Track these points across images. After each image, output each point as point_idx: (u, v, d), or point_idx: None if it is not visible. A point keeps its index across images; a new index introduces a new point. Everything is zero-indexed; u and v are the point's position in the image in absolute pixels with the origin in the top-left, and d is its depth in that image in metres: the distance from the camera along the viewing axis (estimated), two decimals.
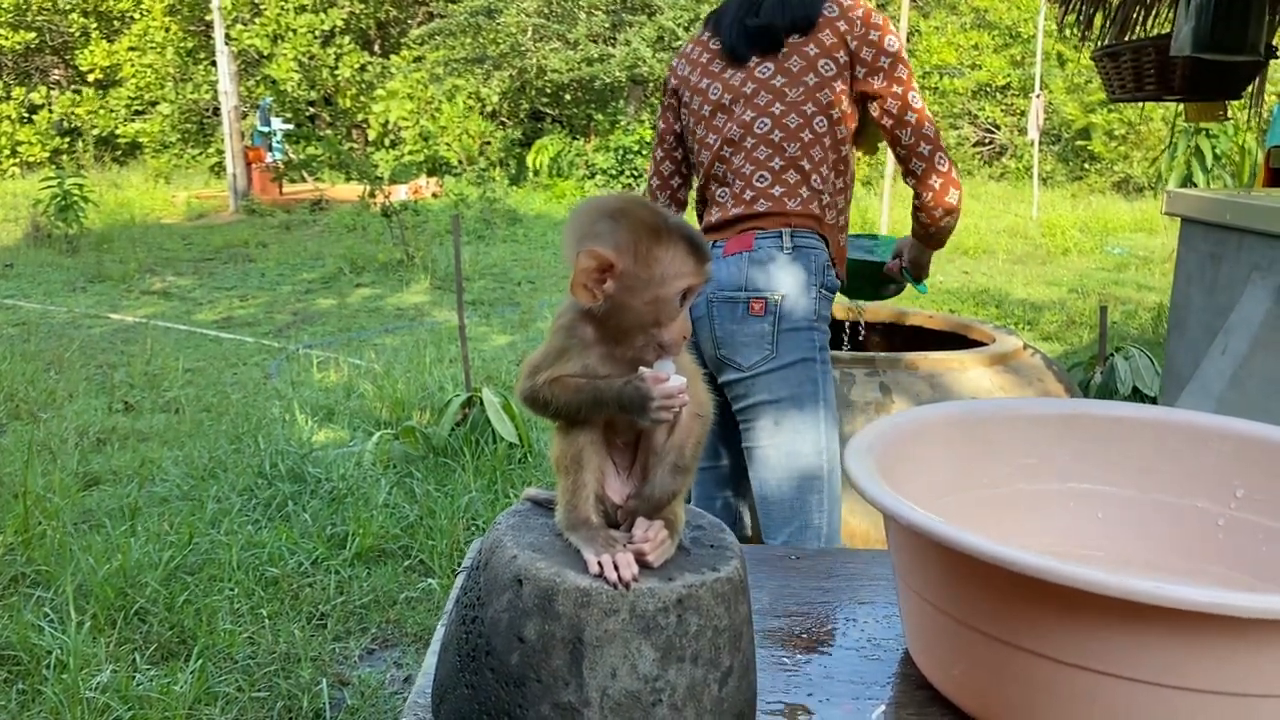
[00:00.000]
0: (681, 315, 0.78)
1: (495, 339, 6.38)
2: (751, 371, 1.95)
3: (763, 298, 1.93)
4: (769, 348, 1.93)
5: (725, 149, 2.02)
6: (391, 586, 2.91)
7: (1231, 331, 2.17)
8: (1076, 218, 11.93)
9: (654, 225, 0.77)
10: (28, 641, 2.46)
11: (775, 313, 1.93)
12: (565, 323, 0.80)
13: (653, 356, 0.78)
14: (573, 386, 0.78)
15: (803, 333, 1.94)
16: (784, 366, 1.94)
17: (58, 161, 14.86)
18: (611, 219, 0.77)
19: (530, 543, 0.79)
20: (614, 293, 0.77)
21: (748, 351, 1.95)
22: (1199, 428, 1.05)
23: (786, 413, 1.94)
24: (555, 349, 0.80)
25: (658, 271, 0.76)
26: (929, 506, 0.81)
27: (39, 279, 8.22)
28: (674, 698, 0.74)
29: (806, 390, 1.95)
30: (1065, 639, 0.74)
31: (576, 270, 0.76)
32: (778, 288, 1.93)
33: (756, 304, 1.93)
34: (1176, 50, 2.73)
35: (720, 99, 2.03)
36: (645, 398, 0.75)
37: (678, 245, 0.77)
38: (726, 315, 1.95)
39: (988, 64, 17.27)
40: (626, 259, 0.76)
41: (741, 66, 2.02)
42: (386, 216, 9.08)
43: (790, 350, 1.93)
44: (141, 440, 4.24)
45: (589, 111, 15.92)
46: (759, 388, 1.95)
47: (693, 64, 2.11)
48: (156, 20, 16.74)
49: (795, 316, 1.94)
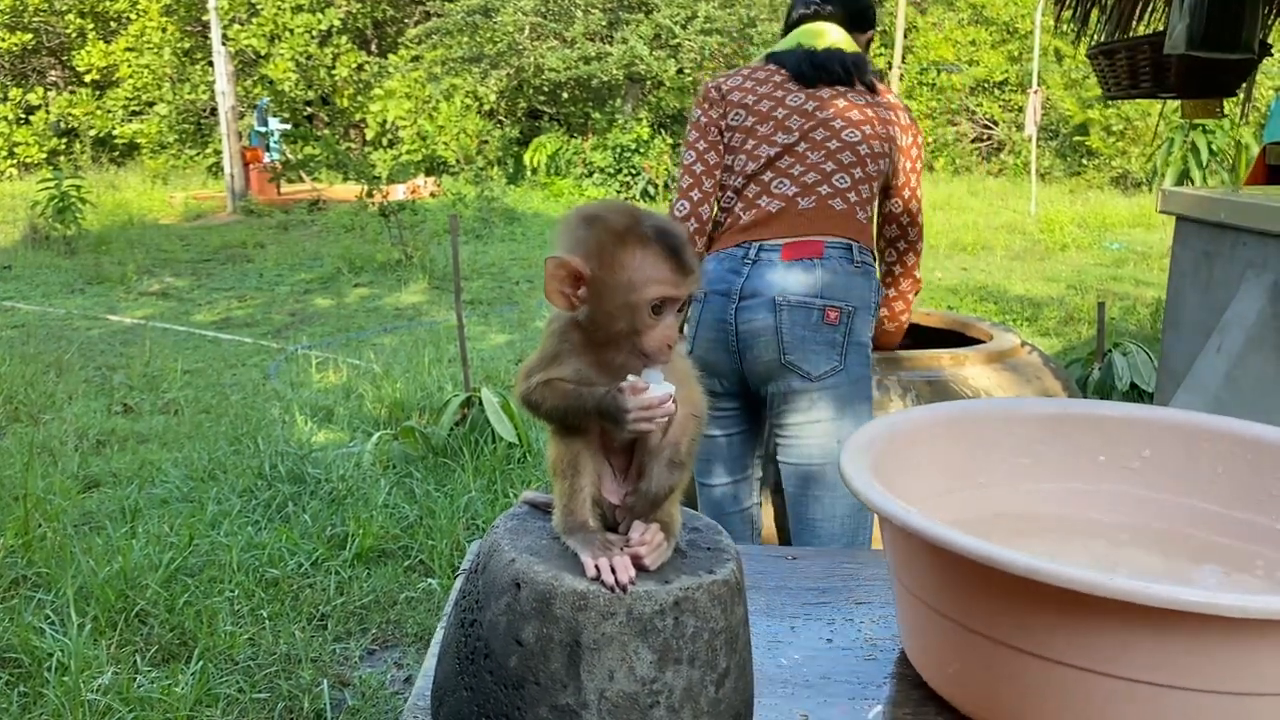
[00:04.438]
0: (662, 324, 0.77)
1: (494, 338, 6.38)
2: (819, 383, 1.90)
3: (838, 307, 1.89)
4: (838, 359, 1.90)
5: (802, 144, 1.98)
6: (392, 587, 2.92)
7: (1226, 329, 2.18)
8: (1074, 213, 11.93)
9: (623, 230, 0.76)
10: (29, 644, 2.47)
11: (847, 324, 1.90)
12: (557, 328, 0.80)
13: (640, 364, 0.77)
14: (560, 392, 0.78)
15: (865, 348, 1.94)
16: (850, 382, 1.91)
17: (55, 163, 14.79)
18: (586, 224, 0.78)
19: (528, 546, 0.80)
20: (587, 299, 0.77)
21: (818, 360, 1.89)
22: (1192, 427, 1.06)
23: (847, 429, 1.90)
24: (548, 353, 0.80)
25: (624, 277, 0.75)
26: (924, 507, 0.82)
27: (37, 281, 8.21)
28: (671, 699, 0.75)
29: (865, 409, 1.93)
30: (1059, 638, 0.75)
31: (545, 277, 0.77)
32: (850, 299, 1.90)
33: (832, 312, 1.89)
34: (1170, 48, 2.74)
35: (803, 105, 2.02)
36: (620, 409, 0.75)
37: (648, 250, 0.76)
38: (800, 320, 1.89)
39: (985, 60, 17.27)
40: (593, 264, 0.76)
41: (831, 87, 2.04)
42: (384, 216, 9.07)
43: (856, 365, 1.92)
44: (141, 442, 4.25)
45: (586, 110, 15.91)
46: (823, 400, 1.91)
47: (756, 79, 2.10)
48: (153, 21, 16.71)
49: (861, 331, 1.93)
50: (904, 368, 2.54)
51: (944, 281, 8.12)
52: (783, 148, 1.99)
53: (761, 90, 2.06)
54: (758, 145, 2.01)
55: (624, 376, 0.77)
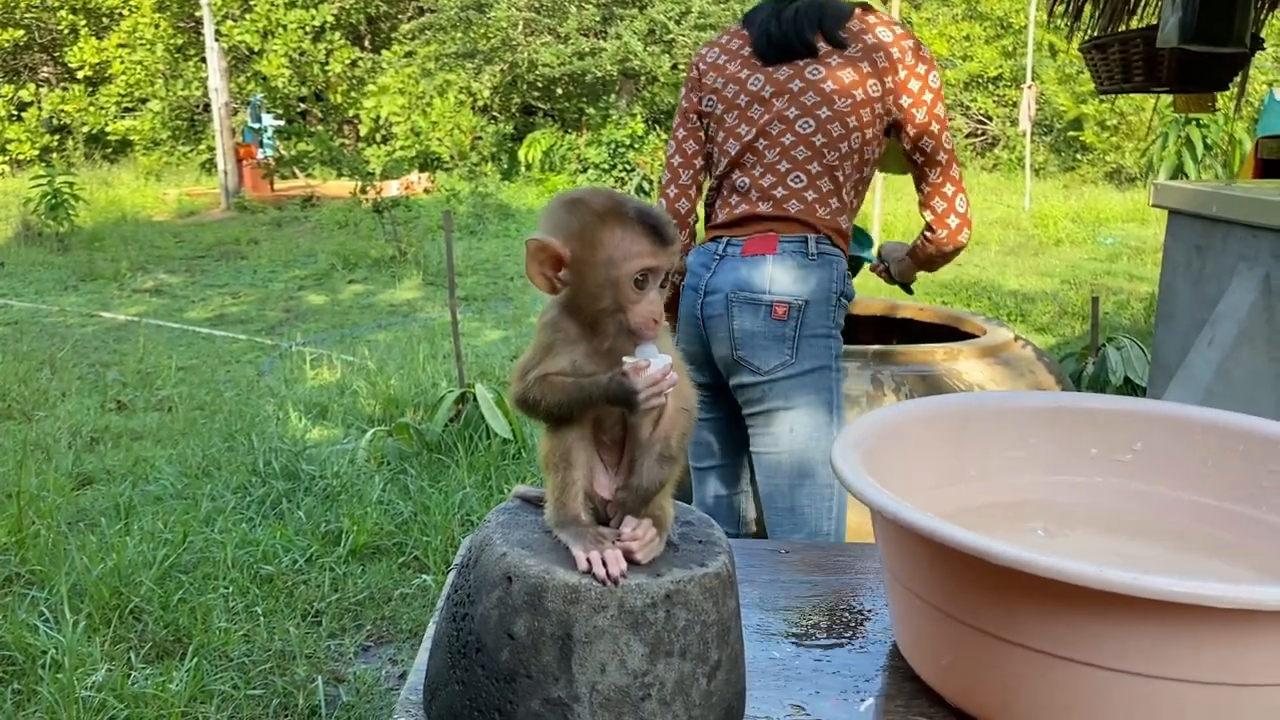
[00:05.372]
0: (646, 297, 0.78)
1: (488, 334, 6.38)
2: (769, 376, 1.93)
3: (786, 302, 1.91)
4: (789, 353, 1.91)
5: (760, 140, 1.98)
6: (386, 583, 2.92)
7: (1218, 323, 2.19)
8: (1069, 208, 11.94)
9: (603, 210, 0.78)
10: (23, 641, 2.46)
11: (798, 318, 1.91)
12: (549, 319, 0.81)
13: (630, 344, 0.78)
14: (559, 386, 0.79)
15: (821, 340, 1.93)
16: (802, 373, 1.92)
17: (48, 159, 14.76)
18: (567, 208, 0.79)
19: (519, 540, 0.80)
20: (569, 280, 0.78)
21: (767, 355, 1.92)
22: (1184, 420, 1.06)
23: (800, 420, 1.93)
24: (541, 346, 0.80)
25: (604, 254, 0.77)
26: (916, 500, 0.82)
27: (30, 278, 8.19)
28: (663, 692, 0.75)
29: (821, 398, 1.93)
30: (1050, 631, 0.75)
31: (526, 259, 0.78)
32: (801, 293, 1.91)
33: (780, 308, 1.90)
34: (1163, 42, 2.74)
35: (761, 90, 1.99)
36: (630, 391, 0.76)
37: (629, 226, 0.78)
38: (748, 316, 1.93)
39: (979, 55, 17.27)
40: (574, 244, 0.77)
41: (790, 64, 1.99)
42: (378, 212, 9.07)
43: (809, 357, 1.92)
44: (135, 439, 4.24)
45: (580, 105, 15.90)
46: (775, 393, 1.94)
47: (728, 53, 2.06)
48: (146, 17, 16.66)
49: (816, 324, 1.92)
50: (897, 362, 2.55)
51: (937, 276, 8.12)
52: (744, 146, 1.99)
53: (729, 70, 2.04)
54: (726, 140, 2.03)
55: (618, 361, 0.78)
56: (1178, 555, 1.02)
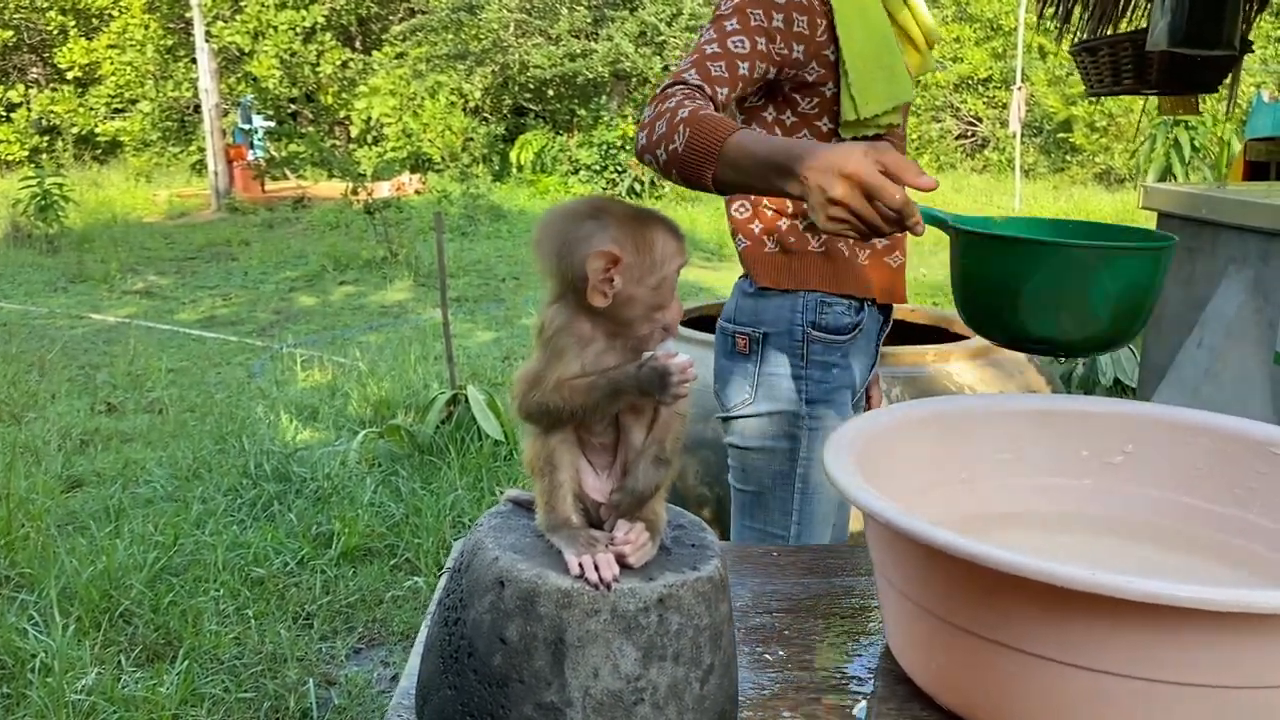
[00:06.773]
0: (676, 296, 0.81)
1: (480, 335, 6.37)
2: (729, 413, 1.69)
3: (745, 334, 1.65)
4: (749, 392, 1.65)
5: None
6: (378, 585, 2.91)
7: (1207, 324, 2.19)
8: (1058, 210, 11.98)
9: (635, 214, 0.80)
10: (12, 645, 2.45)
11: (758, 353, 1.64)
12: (560, 324, 0.80)
13: (657, 339, 0.80)
14: (584, 385, 0.78)
15: (781, 381, 1.63)
16: (759, 415, 1.65)
17: (37, 160, 14.71)
18: (593, 219, 0.79)
19: (511, 544, 0.80)
20: (620, 287, 0.78)
21: (731, 390, 1.68)
22: (1174, 422, 1.06)
23: (754, 472, 1.67)
24: (553, 353, 0.79)
25: (655, 256, 0.79)
26: (907, 503, 0.82)
27: (19, 279, 8.16)
28: (656, 697, 0.75)
29: (782, 446, 1.64)
30: (1041, 633, 0.75)
31: (590, 275, 0.77)
32: (759, 324, 1.64)
33: (740, 339, 1.66)
34: (1152, 45, 2.75)
35: None
36: (665, 374, 0.76)
37: (659, 228, 0.80)
38: (720, 347, 1.71)
39: (969, 57, 17.33)
40: (628, 251, 0.78)
41: None
42: (369, 214, 9.04)
43: (769, 399, 1.64)
44: (125, 441, 4.22)
45: (572, 107, 15.89)
46: (732, 432, 1.69)
47: None
48: (135, 17, 16.62)
49: (775, 361, 1.64)
50: (887, 364, 2.55)
51: (928, 278, 8.13)
52: None
53: None
54: None
55: (633, 357, 0.79)
56: (1168, 557, 1.02)
